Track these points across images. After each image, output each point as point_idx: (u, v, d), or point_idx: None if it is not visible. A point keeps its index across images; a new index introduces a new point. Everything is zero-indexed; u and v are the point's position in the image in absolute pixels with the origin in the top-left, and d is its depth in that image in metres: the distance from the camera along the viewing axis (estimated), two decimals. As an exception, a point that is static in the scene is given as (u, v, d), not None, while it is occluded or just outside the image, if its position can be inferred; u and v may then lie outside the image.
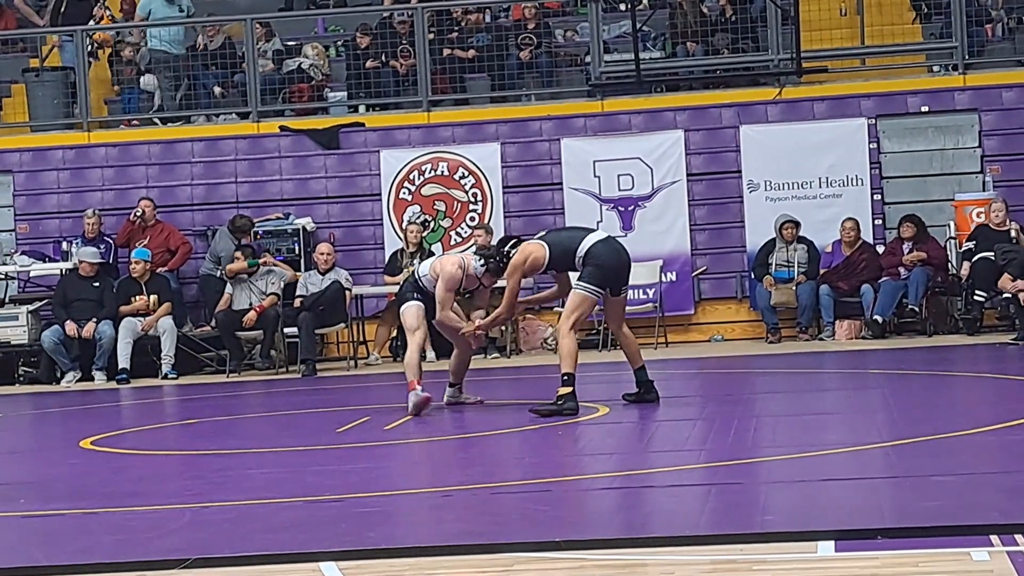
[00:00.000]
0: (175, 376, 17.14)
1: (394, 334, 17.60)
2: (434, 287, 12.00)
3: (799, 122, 18.38)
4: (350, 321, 17.52)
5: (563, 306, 11.84)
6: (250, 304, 17.16)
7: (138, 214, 18.21)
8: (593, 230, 12.24)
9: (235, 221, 18.15)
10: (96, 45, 20.28)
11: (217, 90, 19.96)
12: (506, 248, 11.81)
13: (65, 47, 20.13)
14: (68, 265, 17.91)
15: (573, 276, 11.74)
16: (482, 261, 11.92)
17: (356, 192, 19.00)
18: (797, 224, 17.64)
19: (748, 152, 18.31)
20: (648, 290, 18.13)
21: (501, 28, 19.86)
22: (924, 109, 18.30)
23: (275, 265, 17.56)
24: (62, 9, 20.73)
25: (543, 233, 12.06)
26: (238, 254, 17.42)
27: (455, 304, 12.24)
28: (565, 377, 11.34)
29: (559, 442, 10.30)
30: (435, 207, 18.75)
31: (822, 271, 17.63)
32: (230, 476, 9.41)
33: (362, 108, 19.60)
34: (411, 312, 12.12)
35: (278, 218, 18.70)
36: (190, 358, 17.69)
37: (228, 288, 17.37)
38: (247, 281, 17.29)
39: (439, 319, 12.08)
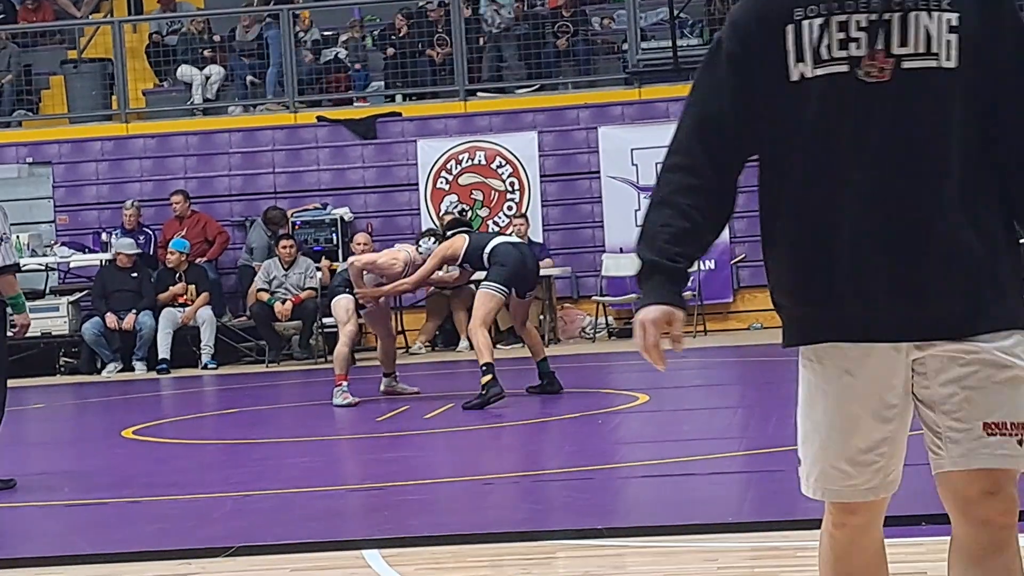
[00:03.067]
0: (215, 366, 17.20)
1: (439, 323, 17.65)
2: (372, 282, 12.41)
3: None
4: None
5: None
6: (283, 301, 17.14)
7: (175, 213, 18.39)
8: (506, 235, 12.63)
9: (268, 213, 18.18)
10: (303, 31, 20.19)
11: (249, 79, 19.97)
12: (450, 233, 12.41)
13: (270, 33, 19.88)
14: (107, 256, 17.99)
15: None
16: (434, 240, 12.41)
17: (393, 182, 19.01)
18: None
19: (786, 139, 18.21)
20: (686, 278, 18.07)
21: (538, 16, 19.82)
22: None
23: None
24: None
25: (469, 231, 12.71)
26: (283, 242, 17.35)
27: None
28: (484, 368, 11.63)
29: (599, 430, 10.30)
30: (472, 196, 18.74)
31: (862, 257, 17.54)
32: (271, 465, 9.44)
33: (399, 97, 19.60)
34: (341, 306, 12.56)
35: (316, 208, 18.73)
36: (229, 348, 17.74)
37: (261, 277, 17.31)
38: (283, 276, 17.26)
39: (356, 293, 12.47)
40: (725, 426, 10.07)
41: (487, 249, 12.00)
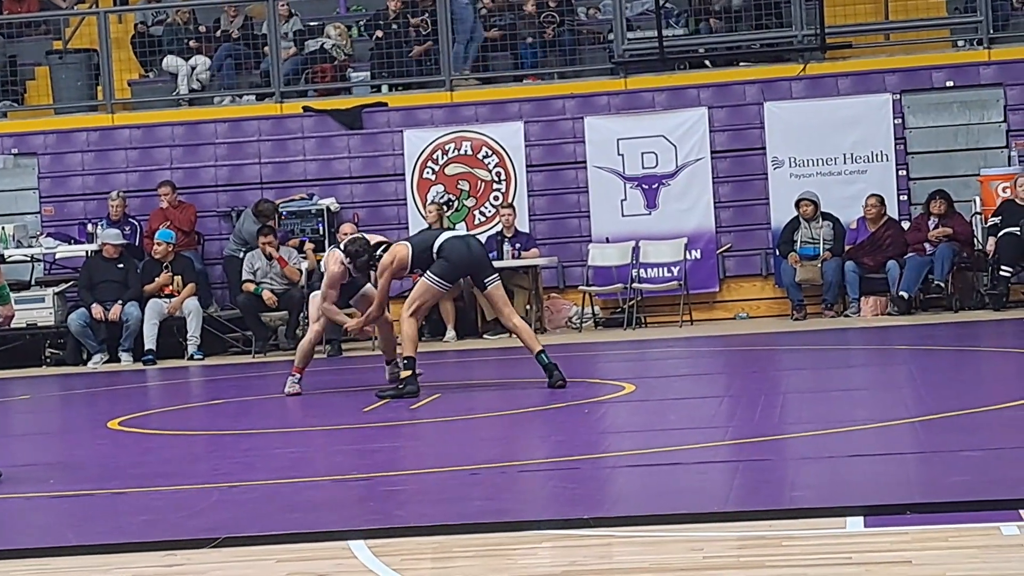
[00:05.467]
0: (201, 357, 17.18)
1: (426, 313, 17.61)
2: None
3: (823, 98, 18.31)
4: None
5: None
6: (271, 291, 17.15)
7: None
8: (453, 231, 12.61)
9: (259, 205, 18.16)
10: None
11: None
12: (378, 252, 12.14)
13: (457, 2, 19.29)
14: (93, 247, 17.96)
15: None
16: (347, 258, 12.21)
17: (380, 172, 19.01)
18: (815, 202, 17.56)
19: (772, 129, 18.25)
20: (672, 268, 18.11)
21: (524, 6, 19.78)
22: (949, 84, 18.21)
23: (294, 266, 17.40)
24: None
25: (409, 237, 12.76)
26: (262, 238, 17.33)
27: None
28: (405, 361, 11.74)
29: (585, 420, 10.31)
30: (459, 186, 18.74)
31: (847, 247, 17.58)
32: (257, 456, 9.43)
33: (385, 88, 19.58)
34: (315, 303, 12.74)
35: (302, 199, 18.71)
36: (216, 339, 17.73)
37: (246, 269, 17.31)
38: (267, 266, 17.24)
39: (322, 310, 12.52)
40: (711, 416, 10.08)
41: (435, 247, 11.94)
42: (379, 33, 19.47)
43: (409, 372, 11.69)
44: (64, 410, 13.94)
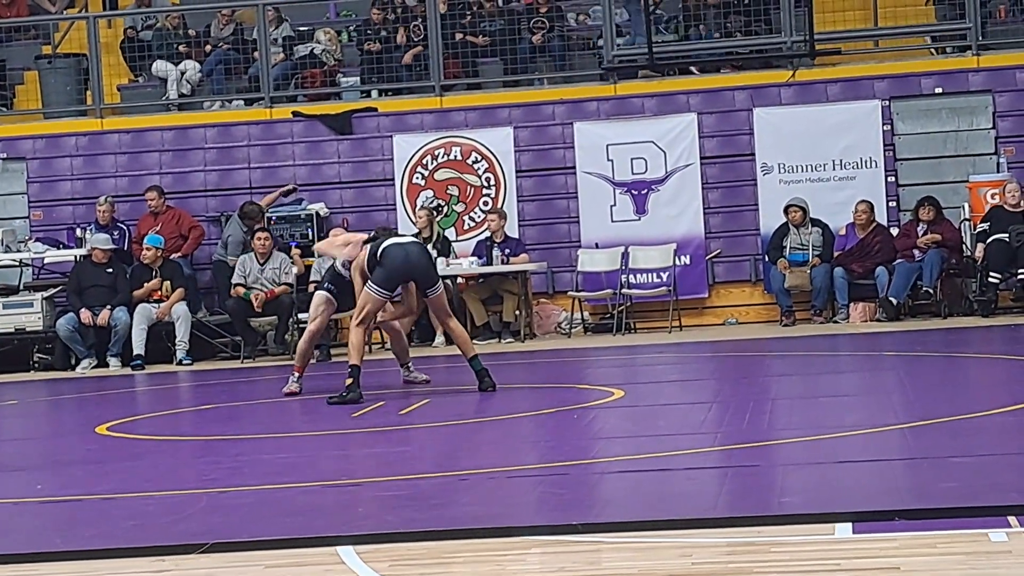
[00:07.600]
0: (190, 362, 17.16)
1: (415, 319, 17.61)
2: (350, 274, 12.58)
3: (812, 104, 18.32)
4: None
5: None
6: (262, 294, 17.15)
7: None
8: (403, 235, 12.74)
9: (244, 208, 18.15)
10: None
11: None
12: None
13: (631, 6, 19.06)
14: (82, 252, 17.93)
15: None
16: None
17: (369, 177, 18.99)
18: (803, 208, 17.57)
19: (761, 135, 18.26)
20: (662, 274, 18.11)
21: (513, 12, 19.81)
22: (938, 90, 18.23)
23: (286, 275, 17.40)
24: None
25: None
26: (259, 235, 17.30)
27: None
28: (350, 369, 11.88)
29: (575, 425, 10.31)
30: (448, 192, 18.74)
31: (836, 254, 17.59)
32: (246, 461, 9.43)
33: (375, 93, 19.58)
34: (314, 302, 12.97)
35: (290, 195, 18.73)
36: (204, 344, 17.70)
37: (238, 272, 17.29)
38: (258, 270, 17.23)
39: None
40: (700, 421, 10.08)
41: (379, 252, 12.04)
42: (376, 46, 19.40)
43: (351, 380, 11.82)
44: (52, 415, 13.92)
